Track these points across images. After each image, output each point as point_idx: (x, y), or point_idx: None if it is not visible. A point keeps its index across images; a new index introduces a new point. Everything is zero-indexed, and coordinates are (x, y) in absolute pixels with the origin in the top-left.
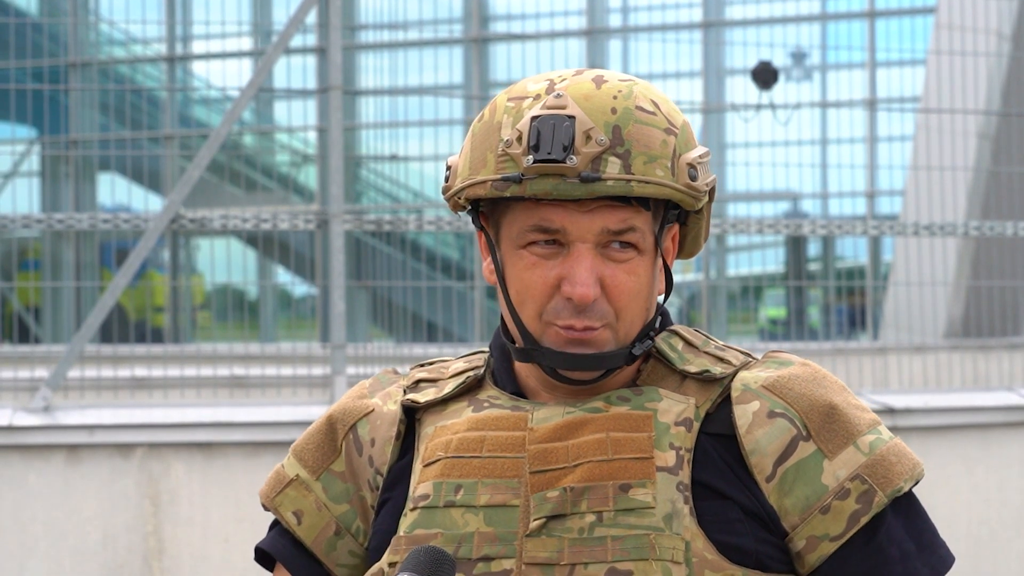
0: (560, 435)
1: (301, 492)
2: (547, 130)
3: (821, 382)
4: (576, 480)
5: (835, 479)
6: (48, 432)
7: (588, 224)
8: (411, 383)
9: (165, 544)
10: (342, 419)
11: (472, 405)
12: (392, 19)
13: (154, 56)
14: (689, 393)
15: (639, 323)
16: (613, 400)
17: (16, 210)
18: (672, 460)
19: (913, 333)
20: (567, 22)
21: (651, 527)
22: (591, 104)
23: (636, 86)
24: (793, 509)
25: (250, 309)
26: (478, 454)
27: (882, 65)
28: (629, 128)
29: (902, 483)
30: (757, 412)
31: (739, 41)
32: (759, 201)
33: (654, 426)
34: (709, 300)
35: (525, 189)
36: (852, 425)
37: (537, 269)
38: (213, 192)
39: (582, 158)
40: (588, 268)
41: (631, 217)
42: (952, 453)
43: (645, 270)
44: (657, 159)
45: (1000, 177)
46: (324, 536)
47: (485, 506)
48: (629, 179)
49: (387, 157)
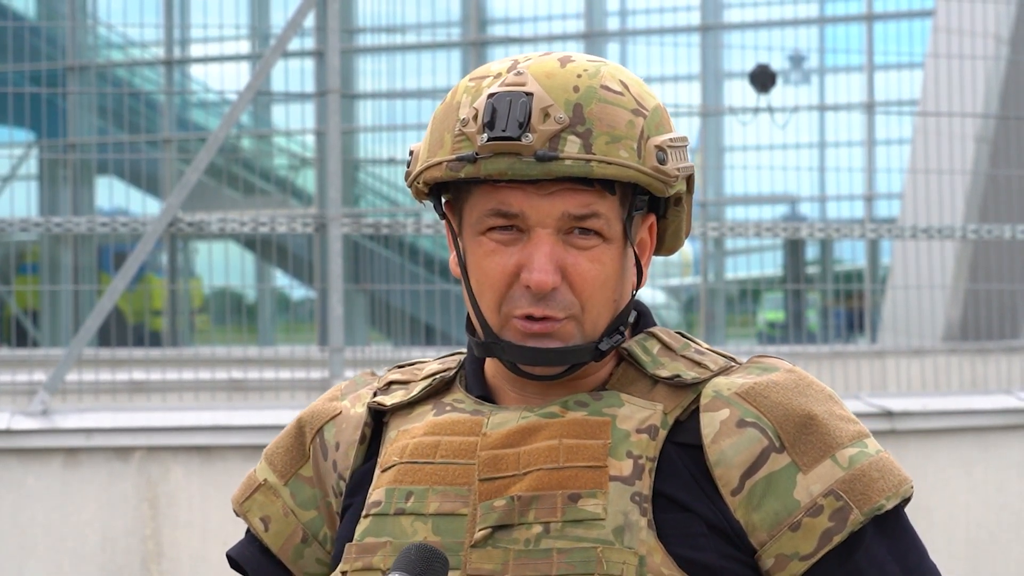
0: (512, 441)
1: (269, 497)
2: (503, 107)
3: (804, 391)
4: (524, 489)
5: (808, 494)
6: (46, 435)
7: (548, 208)
8: (383, 385)
9: (163, 547)
10: (310, 422)
11: (435, 408)
12: (390, 22)
13: (152, 59)
14: (658, 399)
15: (606, 315)
16: (570, 405)
17: (14, 213)
18: (628, 469)
19: (911, 336)
20: (565, 25)
21: (599, 540)
22: (552, 82)
23: (605, 67)
24: (761, 525)
25: (248, 312)
26: (431, 460)
27: (880, 68)
28: (592, 107)
29: (883, 501)
30: (725, 421)
31: (737, 44)
32: (757, 204)
33: (611, 433)
34: (707, 303)
35: (480, 169)
36: (831, 437)
37: (496, 256)
38: (211, 195)
39: (538, 136)
40: (547, 254)
41: (594, 202)
42: (950, 456)
43: (611, 259)
44: (621, 139)
45: (998, 180)
46: (291, 543)
47: (434, 514)
48: (589, 159)
49: (385, 160)
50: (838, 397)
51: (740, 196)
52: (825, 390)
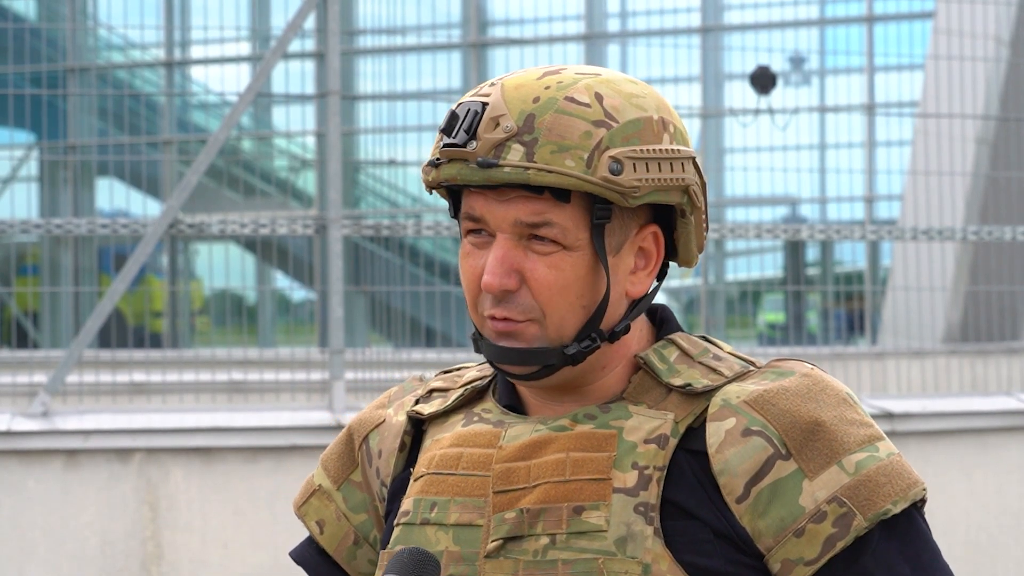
0: (524, 454)
1: (323, 502)
2: (461, 115)
3: (816, 396)
4: (533, 501)
5: (813, 501)
6: (46, 437)
7: (503, 214)
8: (425, 392)
9: (163, 549)
10: (358, 430)
11: (465, 418)
12: (390, 24)
13: (152, 61)
14: (671, 407)
15: (572, 320)
16: (580, 418)
17: (15, 215)
18: (633, 481)
19: (911, 338)
20: (565, 27)
21: (601, 551)
22: (517, 93)
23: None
24: (767, 531)
25: (248, 314)
26: (454, 471)
27: (880, 70)
28: (544, 117)
29: (889, 505)
30: (731, 430)
31: (738, 46)
32: (757, 206)
33: (617, 445)
34: (707, 305)
35: (440, 173)
36: (839, 443)
37: (470, 258)
38: (211, 197)
39: (482, 143)
40: (499, 258)
41: (547, 210)
42: (950, 458)
43: (572, 266)
44: (569, 149)
45: (998, 182)
46: (344, 545)
47: (454, 524)
48: (528, 167)
49: (385, 162)
50: (855, 399)
51: (740, 198)
52: (840, 394)
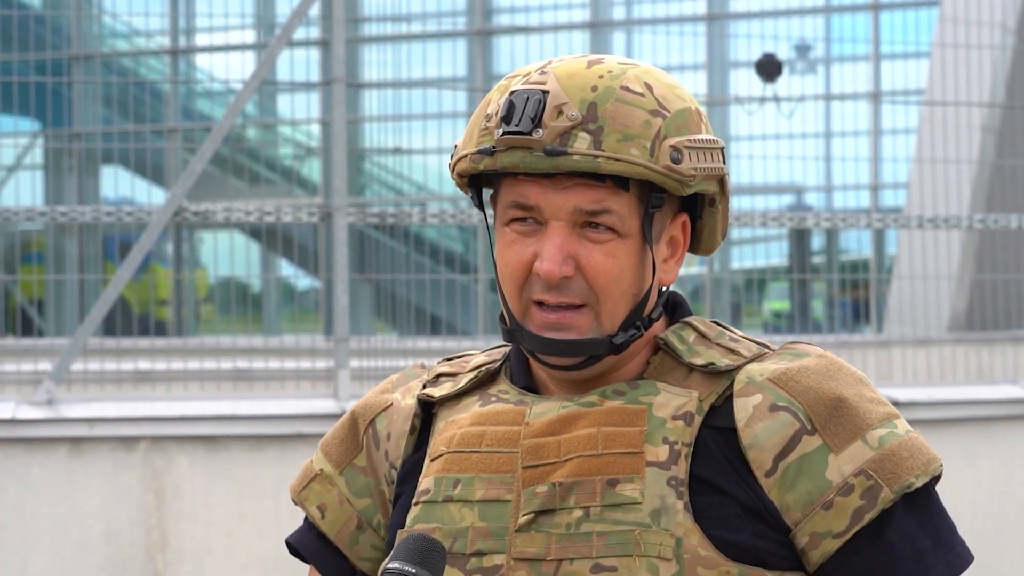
0: (553, 430)
1: (325, 486)
2: (520, 104)
3: (835, 375)
4: (565, 475)
5: (840, 474)
6: (51, 425)
7: (561, 202)
8: (432, 377)
9: (168, 538)
10: (363, 414)
11: (481, 399)
12: (395, 12)
13: (157, 49)
14: (694, 386)
15: (623, 309)
16: (608, 394)
17: (19, 203)
18: (664, 455)
19: (917, 326)
20: (571, 15)
21: (637, 523)
22: (572, 81)
23: (633, 69)
24: (795, 505)
25: (253, 302)
26: (477, 448)
27: (886, 58)
28: (607, 106)
29: (912, 479)
30: (758, 405)
31: (743, 34)
32: (763, 194)
33: (647, 420)
34: (713, 293)
35: (496, 161)
36: (861, 419)
37: (515, 246)
38: (216, 185)
39: (549, 131)
40: (557, 245)
41: (606, 198)
42: (956, 447)
43: (626, 254)
44: (634, 138)
45: (1004, 170)
46: (347, 530)
47: (480, 501)
48: (597, 155)
49: (390, 150)
50: (868, 380)
51: (746, 186)
52: (855, 374)
